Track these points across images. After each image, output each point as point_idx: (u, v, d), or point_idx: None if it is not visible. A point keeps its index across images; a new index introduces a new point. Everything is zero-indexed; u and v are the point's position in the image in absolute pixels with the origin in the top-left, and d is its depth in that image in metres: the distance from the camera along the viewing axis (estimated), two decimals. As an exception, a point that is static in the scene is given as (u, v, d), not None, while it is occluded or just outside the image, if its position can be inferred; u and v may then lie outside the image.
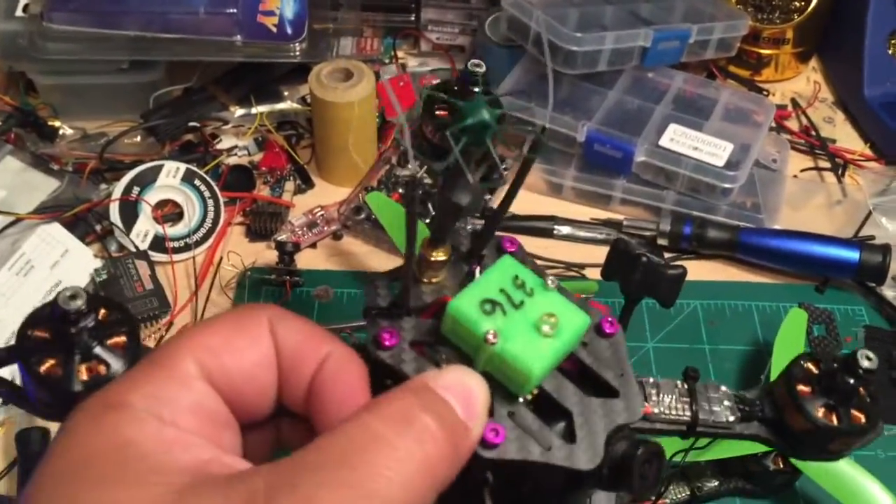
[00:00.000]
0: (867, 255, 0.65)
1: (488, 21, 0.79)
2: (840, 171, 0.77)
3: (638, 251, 0.52)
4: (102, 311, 0.32)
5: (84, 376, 0.30)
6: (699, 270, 0.68)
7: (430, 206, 0.70)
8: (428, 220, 0.32)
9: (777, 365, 0.56)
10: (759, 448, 0.52)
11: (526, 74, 0.75)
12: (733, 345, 0.63)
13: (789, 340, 0.58)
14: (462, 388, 0.25)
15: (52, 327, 0.31)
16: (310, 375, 0.27)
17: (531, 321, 0.27)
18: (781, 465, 0.53)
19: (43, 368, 0.30)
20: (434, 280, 0.31)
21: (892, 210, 0.70)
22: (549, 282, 0.29)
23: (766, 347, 0.62)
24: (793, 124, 0.82)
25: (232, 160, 0.73)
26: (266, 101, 0.76)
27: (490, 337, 0.26)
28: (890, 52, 0.82)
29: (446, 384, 0.24)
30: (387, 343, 0.29)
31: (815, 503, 0.54)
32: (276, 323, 0.27)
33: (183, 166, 0.68)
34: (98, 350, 0.31)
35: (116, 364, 0.31)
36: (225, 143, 0.74)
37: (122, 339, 0.32)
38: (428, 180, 0.72)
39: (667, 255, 0.68)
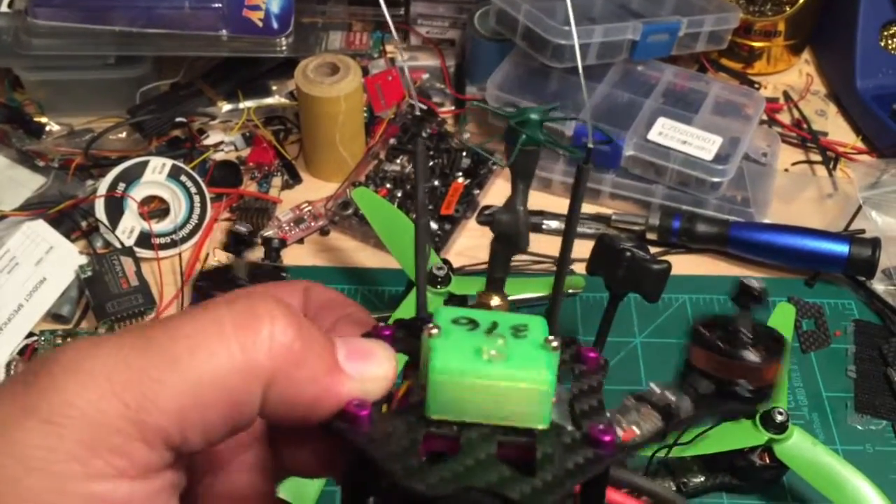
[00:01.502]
0: (857, 249, 0.64)
1: (477, 15, 0.78)
2: (831, 165, 0.76)
3: (622, 246, 0.52)
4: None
5: None
6: (688, 265, 0.67)
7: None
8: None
9: (764, 360, 0.56)
10: (744, 443, 0.52)
11: (515, 68, 0.75)
12: (722, 339, 0.63)
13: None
14: (362, 346, 0.23)
15: None
16: (329, 325, 0.27)
17: (481, 339, 0.23)
18: (767, 461, 0.53)
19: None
20: None
21: (883, 203, 0.70)
22: (553, 342, 0.23)
23: (754, 342, 0.62)
24: (785, 117, 0.81)
25: (219, 156, 0.73)
26: (254, 96, 0.76)
27: (433, 330, 0.23)
28: (882, 43, 0.82)
29: (348, 341, 0.23)
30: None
31: (801, 498, 0.54)
32: (310, 289, 0.27)
33: (169, 162, 0.67)
34: None
35: None
36: (212, 138, 0.73)
37: None
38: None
39: (656, 249, 0.68)
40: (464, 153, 0.73)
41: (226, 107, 0.75)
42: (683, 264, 0.67)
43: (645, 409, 0.35)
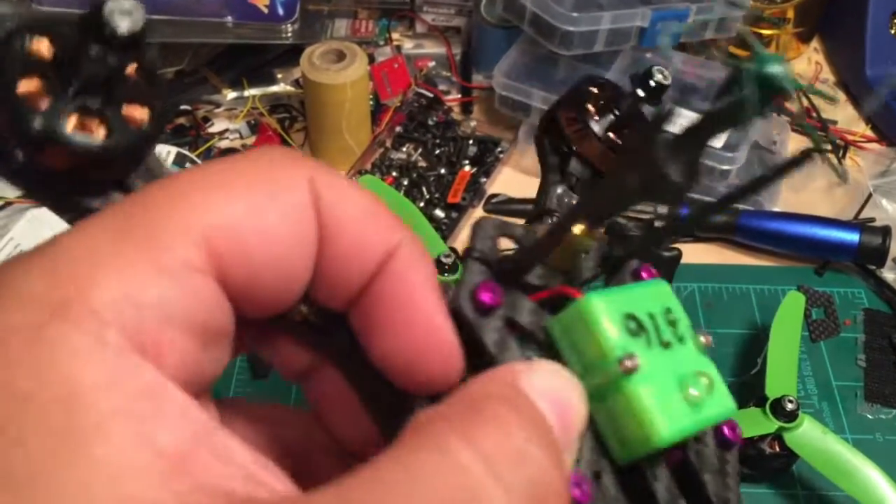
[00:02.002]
0: (867, 238, 0.64)
1: (484, 1, 0.78)
2: (841, 153, 0.76)
3: (632, 233, 0.52)
4: (134, 66, 0.22)
5: (70, 126, 0.20)
6: (697, 253, 0.67)
7: (423, 190, 0.69)
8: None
9: (774, 349, 0.55)
10: (754, 431, 0.52)
11: (522, 56, 0.74)
12: (731, 328, 0.62)
13: (786, 324, 0.57)
14: (559, 396, 0.19)
15: (62, 42, 0.20)
16: (368, 273, 0.19)
17: (678, 372, 0.21)
18: (777, 449, 0.52)
19: (23, 87, 0.20)
20: (557, 266, 0.24)
21: (893, 192, 0.69)
22: (703, 338, 0.22)
23: (763, 331, 0.61)
24: (794, 105, 0.80)
25: (224, 143, 0.72)
26: (259, 83, 0.75)
27: (628, 362, 0.20)
28: (892, 31, 0.81)
29: (540, 388, 0.18)
30: (485, 300, 0.21)
31: (812, 487, 0.54)
32: (325, 188, 0.18)
33: (174, 150, 0.67)
34: (106, 108, 0.21)
35: (119, 139, 0.21)
36: (217, 126, 0.73)
37: (143, 113, 0.21)
38: (423, 163, 0.72)
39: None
40: (470, 141, 0.73)
41: (231, 94, 0.74)
42: (692, 253, 0.66)
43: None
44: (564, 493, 0.17)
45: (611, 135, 0.31)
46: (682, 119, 0.69)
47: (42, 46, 0.20)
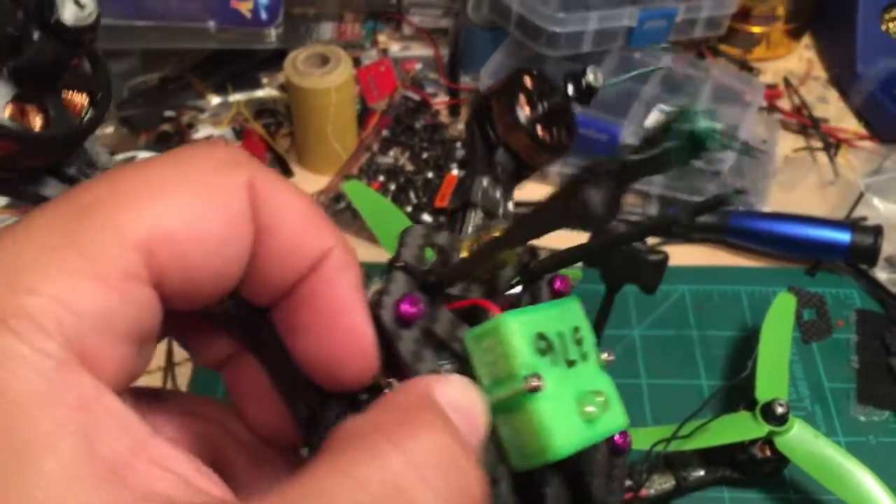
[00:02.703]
0: (858, 237, 0.63)
1: (470, 3, 0.77)
2: (832, 151, 0.75)
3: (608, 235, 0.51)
4: (76, 61, 0.21)
5: (6, 114, 0.19)
6: (687, 255, 0.66)
7: (411, 194, 0.69)
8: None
9: (764, 352, 0.54)
10: (744, 436, 0.51)
11: (509, 57, 0.74)
12: (722, 331, 0.62)
13: (777, 326, 0.56)
14: (467, 409, 0.20)
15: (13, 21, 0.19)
16: (298, 274, 0.20)
17: (577, 390, 0.22)
18: (769, 453, 0.52)
19: None
20: (478, 276, 0.25)
21: (885, 190, 0.68)
22: (606, 356, 0.24)
23: (755, 333, 0.60)
24: (785, 103, 0.80)
25: (209, 150, 0.71)
26: (244, 88, 0.75)
27: (534, 382, 0.21)
28: (883, 28, 0.80)
29: (453, 400, 0.19)
30: (405, 313, 0.22)
31: (804, 491, 0.53)
32: (263, 190, 0.19)
33: (158, 157, 0.66)
34: (46, 96, 0.20)
35: (58, 128, 0.20)
36: (202, 132, 0.72)
37: (83, 99, 0.21)
38: (410, 167, 0.71)
39: (654, 240, 0.67)
40: (458, 144, 0.72)
41: (215, 100, 0.74)
42: (682, 254, 0.66)
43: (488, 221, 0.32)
44: (481, 497, 0.18)
45: (538, 128, 0.31)
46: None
47: None
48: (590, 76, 0.32)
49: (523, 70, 0.33)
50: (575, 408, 0.22)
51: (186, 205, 0.18)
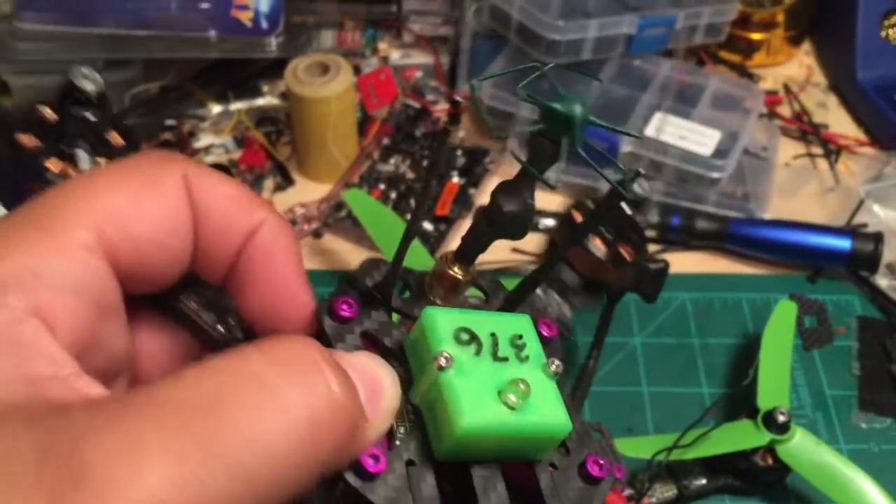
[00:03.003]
0: (859, 244, 0.63)
1: (471, 11, 0.77)
2: (833, 158, 0.75)
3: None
4: (115, 133, 0.29)
5: (55, 168, 0.27)
6: (688, 262, 0.66)
7: (412, 202, 0.69)
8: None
9: (765, 359, 0.54)
10: (746, 444, 0.51)
11: (509, 65, 0.74)
12: (723, 338, 0.62)
13: (778, 334, 0.56)
14: (371, 375, 0.21)
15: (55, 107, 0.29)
16: (236, 246, 0.23)
17: (499, 379, 0.22)
18: (770, 462, 0.51)
19: (24, 139, 0.27)
20: (437, 301, 0.26)
21: (886, 196, 0.68)
22: (553, 366, 0.23)
23: (756, 341, 0.60)
24: (785, 110, 0.80)
25: (210, 158, 0.72)
26: (245, 97, 0.75)
27: (442, 360, 0.22)
28: (883, 34, 0.80)
29: (355, 364, 0.20)
30: (341, 313, 0.24)
31: (806, 500, 0.53)
32: (195, 180, 0.22)
33: (159, 166, 0.66)
34: (84, 154, 0.28)
35: None
36: (203, 141, 0.72)
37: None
38: (410, 175, 0.71)
39: (655, 247, 0.67)
40: (459, 152, 0.72)
41: (216, 109, 0.74)
42: (683, 262, 0.66)
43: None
44: (343, 438, 0.19)
45: (619, 251, 0.34)
46: (671, 127, 0.69)
47: (46, 112, 0.29)
48: (637, 189, 0.36)
49: (574, 209, 0.37)
50: (493, 392, 0.22)
51: (131, 192, 0.21)
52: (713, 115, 0.71)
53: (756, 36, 0.82)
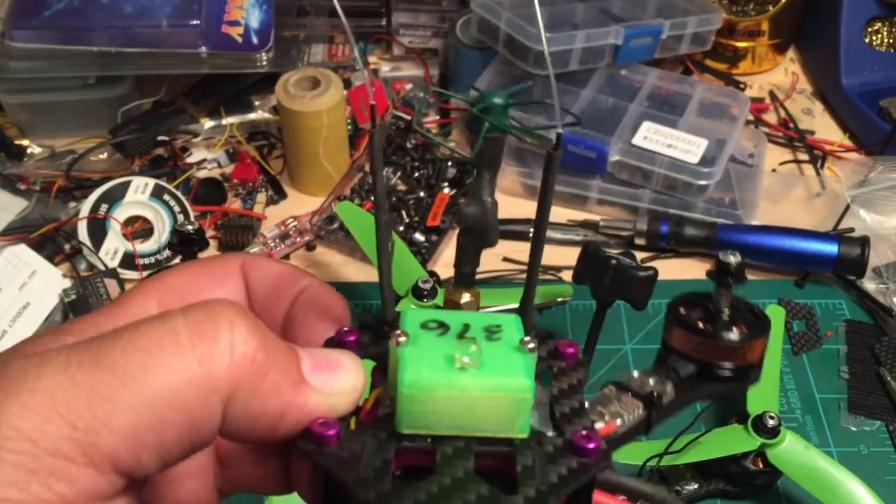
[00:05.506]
0: (846, 249, 0.64)
1: (459, 23, 0.78)
2: (819, 163, 0.76)
3: (607, 254, 0.52)
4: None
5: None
6: (677, 269, 0.67)
7: (403, 213, 0.69)
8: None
9: (754, 364, 0.55)
10: (736, 449, 0.52)
11: (498, 76, 0.74)
12: (713, 344, 0.62)
13: (767, 338, 0.57)
14: (328, 357, 0.22)
15: None
16: (284, 310, 0.26)
17: (452, 345, 0.22)
18: (761, 466, 0.52)
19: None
20: None
21: (871, 201, 0.69)
22: (529, 344, 0.22)
23: (745, 345, 0.61)
24: (771, 117, 0.81)
25: (202, 173, 0.72)
26: (236, 111, 0.75)
27: (400, 338, 0.22)
28: (866, 40, 0.81)
29: (317, 350, 0.22)
30: (346, 340, 0.25)
31: (796, 503, 0.54)
32: (250, 266, 0.26)
33: (151, 181, 0.67)
34: None
35: None
36: (195, 156, 0.73)
37: None
38: (402, 187, 0.72)
39: (645, 254, 0.67)
40: (449, 163, 0.73)
41: (208, 124, 0.74)
42: (672, 269, 0.67)
43: (626, 397, 0.33)
44: (248, 387, 0.20)
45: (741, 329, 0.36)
46: (659, 135, 0.70)
47: None
48: (731, 260, 0.37)
49: (677, 302, 0.38)
50: (444, 357, 0.22)
51: (192, 274, 0.26)
52: (700, 123, 0.72)
53: (741, 44, 0.83)
